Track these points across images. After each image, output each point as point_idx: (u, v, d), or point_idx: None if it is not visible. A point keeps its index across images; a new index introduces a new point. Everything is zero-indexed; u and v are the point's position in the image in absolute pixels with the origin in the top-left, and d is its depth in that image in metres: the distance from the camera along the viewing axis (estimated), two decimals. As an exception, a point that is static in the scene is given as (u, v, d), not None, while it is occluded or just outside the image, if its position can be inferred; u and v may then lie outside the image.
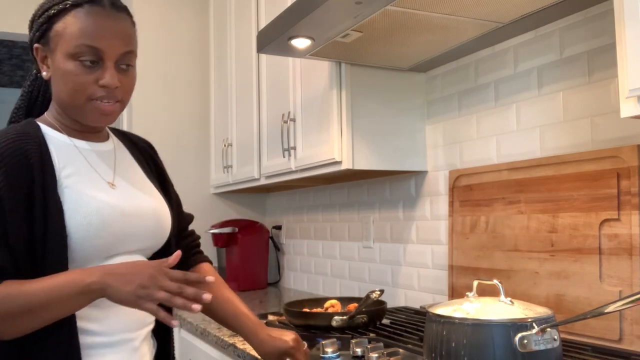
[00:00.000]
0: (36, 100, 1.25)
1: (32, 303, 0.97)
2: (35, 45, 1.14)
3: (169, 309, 1.20)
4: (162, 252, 1.24)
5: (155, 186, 1.27)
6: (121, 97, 1.14)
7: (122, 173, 1.21)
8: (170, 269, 1.00)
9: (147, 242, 1.19)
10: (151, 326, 1.22)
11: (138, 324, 1.17)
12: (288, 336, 1.25)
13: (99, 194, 1.11)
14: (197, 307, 0.97)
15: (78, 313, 1.05)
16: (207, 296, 0.98)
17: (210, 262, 1.44)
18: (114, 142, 1.27)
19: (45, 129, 1.15)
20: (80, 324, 1.07)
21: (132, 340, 1.15)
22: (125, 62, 1.14)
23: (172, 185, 1.37)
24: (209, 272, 1.38)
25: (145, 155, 1.34)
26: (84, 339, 1.07)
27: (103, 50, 1.09)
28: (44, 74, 1.15)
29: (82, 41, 1.08)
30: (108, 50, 1.10)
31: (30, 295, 0.97)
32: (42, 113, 1.22)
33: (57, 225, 1.03)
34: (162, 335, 1.28)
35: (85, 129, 1.18)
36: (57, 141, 1.14)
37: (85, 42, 1.08)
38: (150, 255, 1.23)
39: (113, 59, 1.11)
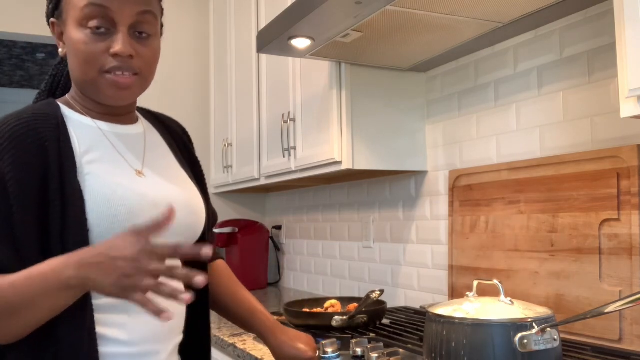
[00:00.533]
0: (59, 84, 1.13)
1: (10, 301, 0.83)
2: (51, 19, 1.04)
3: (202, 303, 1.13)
4: None
5: (189, 176, 1.14)
6: (140, 69, 1.00)
7: (152, 161, 1.08)
8: (157, 246, 0.82)
9: (178, 238, 1.05)
10: (179, 338, 1.09)
11: (167, 334, 1.04)
12: (305, 343, 1.17)
13: (126, 182, 0.99)
14: (187, 297, 0.81)
15: (97, 317, 0.93)
16: (200, 279, 0.81)
17: (223, 259, 1.35)
18: (143, 125, 1.13)
19: (66, 110, 1.03)
20: (100, 330, 0.93)
21: (158, 353, 1.02)
22: (143, 29, 1.00)
23: (205, 178, 1.22)
24: (223, 270, 1.30)
25: (179, 141, 1.20)
26: (104, 348, 0.94)
27: (113, 10, 0.96)
28: (59, 50, 1.03)
29: (90, 0, 0.96)
30: (119, 10, 0.96)
31: (8, 291, 0.83)
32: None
33: (77, 217, 0.91)
34: (195, 354, 1.14)
35: (109, 110, 1.06)
36: (79, 123, 1.02)
37: (92, 1, 0.96)
38: None
39: (126, 22, 0.97)
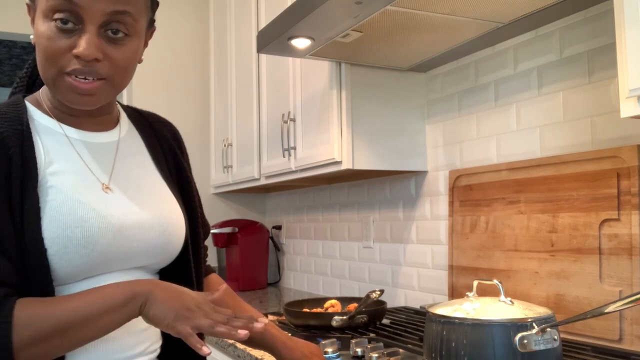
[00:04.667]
0: (38, 75, 1.02)
1: (66, 321, 0.81)
2: (27, 1, 0.93)
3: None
4: (175, 268, 1.03)
5: (171, 188, 1.05)
6: (107, 74, 0.89)
7: (123, 173, 0.99)
8: (220, 308, 0.87)
9: (150, 259, 0.98)
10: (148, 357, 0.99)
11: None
12: (313, 352, 1.15)
13: (88, 199, 0.90)
14: (243, 332, 0.83)
15: None
16: (258, 325, 0.86)
17: (214, 271, 1.30)
18: (122, 130, 1.03)
19: (34, 112, 0.94)
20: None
21: None
22: (116, 28, 0.88)
23: (194, 187, 1.12)
24: (218, 283, 1.23)
25: (165, 146, 1.10)
26: None
27: (81, 6, 0.84)
28: (31, 37, 0.93)
29: None
30: (88, 7, 0.85)
31: (64, 313, 0.82)
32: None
33: (34, 236, 0.83)
34: None
35: (79, 112, 0.96)
36: (45, 128, 0.93)
37: None
38: (157, 271, 1.03)
39: (95, 21, 0.86)
